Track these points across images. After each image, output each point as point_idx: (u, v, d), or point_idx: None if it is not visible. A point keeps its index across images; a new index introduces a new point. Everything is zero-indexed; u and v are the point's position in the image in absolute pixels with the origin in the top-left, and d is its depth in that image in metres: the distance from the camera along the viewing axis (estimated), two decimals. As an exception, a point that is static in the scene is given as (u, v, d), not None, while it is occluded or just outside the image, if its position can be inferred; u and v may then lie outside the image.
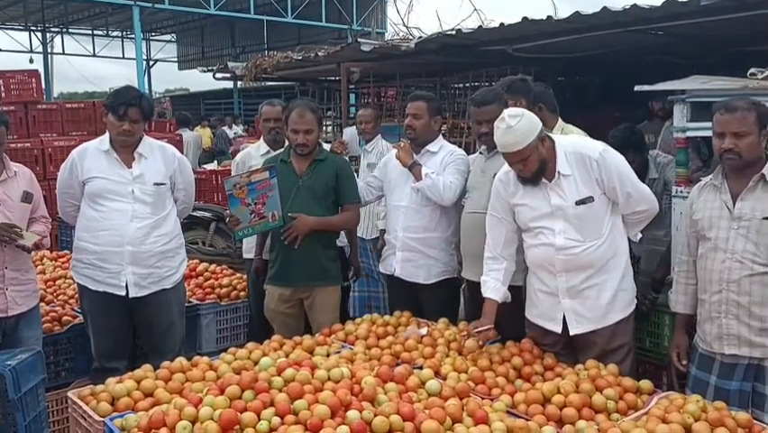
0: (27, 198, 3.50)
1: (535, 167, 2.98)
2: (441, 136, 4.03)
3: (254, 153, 4.61)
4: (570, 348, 3.19)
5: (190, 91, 28.43)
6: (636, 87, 3.79)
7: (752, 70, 3.34)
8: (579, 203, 2.98)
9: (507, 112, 2.98)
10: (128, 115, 3.49)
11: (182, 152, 8.57)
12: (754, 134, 2.72)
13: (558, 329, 3.11)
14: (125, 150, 3.60)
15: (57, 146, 7.22)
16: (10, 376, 2.66)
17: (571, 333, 3.08)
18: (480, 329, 3.14)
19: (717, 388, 2.85)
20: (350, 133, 4.66)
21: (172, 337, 3.72)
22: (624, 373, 2.96)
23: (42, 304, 4.00)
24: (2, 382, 2.66)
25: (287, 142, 3.97)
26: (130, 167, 3.60)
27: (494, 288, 3.21)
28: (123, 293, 3.57)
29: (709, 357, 2.90)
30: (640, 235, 3.17)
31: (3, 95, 7.55)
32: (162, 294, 3.66)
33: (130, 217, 3.54)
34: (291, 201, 3.74)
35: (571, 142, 3.11)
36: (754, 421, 2.54)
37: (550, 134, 3.10)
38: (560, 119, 3.87)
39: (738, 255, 2.76)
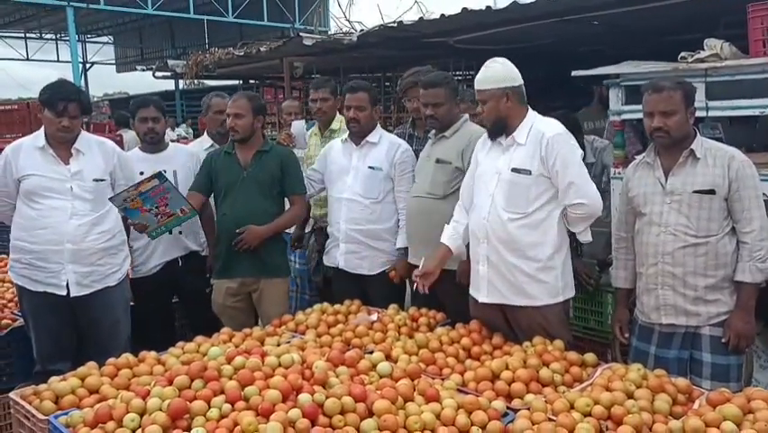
0: None
1: (491, 117, 3.09)
2: (379, 125, 4.04)
3: (198, 148, 4.55)
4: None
5: (130, 94, 27.82)
6: (574, 72, 3.91)
7: (682, 54, 3.47)
8: (514, 170, 3.05)
9: (494, 57, 3.13)
10: (67, 110, 3.40)
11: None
12: (681, 112, 2.83)
13: (481, 298, 3.17)
14: (62, 146, 3.50)
15: None
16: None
17: (480, 300, 3.16)
18: (419, 272, 3.23)
19: (656, 357, 2.96)
20: (297, 126, 4.62)
21: (118, 336, 3.63)
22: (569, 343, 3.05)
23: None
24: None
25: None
26: (67, 163, 3.49)
27: (450, 236, 3.29)
28: (64, 292, 3.47)
29: (648, 328, 3.01)
30: (589, 238, 3.16)
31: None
32: (105, 292, 3.56)
33: (69, 215, 3.44)
34: (236, 193, 3.71)
35: (540, 119, 3.15)
36: (693, 387, 2.65)
37: (526, 105, 3.14)
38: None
39: (672, 228, 2.87)
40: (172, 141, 5.30)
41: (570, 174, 3.00)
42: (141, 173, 3.88)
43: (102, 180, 3.56)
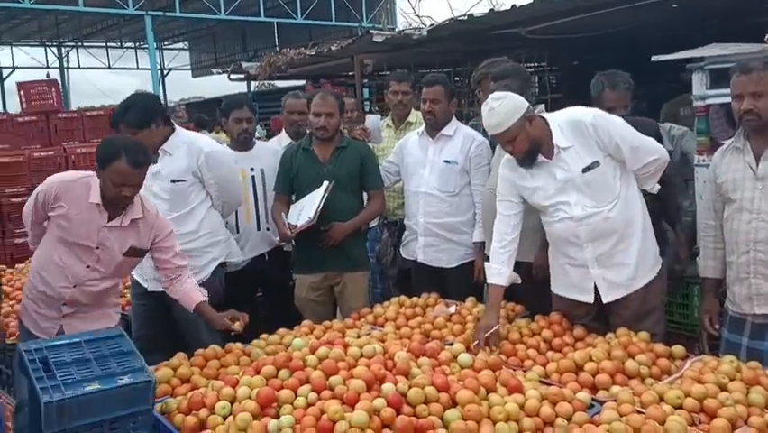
0: (132, 252, 3.13)
1: (525, 147, 2.99)
2: (454, 118, 4.04)
3: (273, 145, 4.65)
4: (600, 320, 3.19)
5: (205, 98, 28.66)
6: (653, 58, 3.79)
7: (769, 35, 3.33)
8: (585, 170, 2.97)
9: (492, 95, 3.02)
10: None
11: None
12: None
13: (590, 299, 3.11)
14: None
15: (80, 153, 7.33)
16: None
17: (604, 301, 3.07)
18: (487, 334, 3.04)
19: (749, 349, 2.85)
20: (373, 120, 4.67)
21: (199, 335, 3.58)
22: (657, 336, 2.96)
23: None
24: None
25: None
26: (154, 162, 3.59)
27: (498, 273, 3.17)
28: (146, 286, 3.63)
29: (740, 319, 2.90)
30: (658, 186, 3.11)
31: (24, 105, 7.69)
32: None
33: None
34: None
35: (563, 114, 3.09)
36: (790, 380, 2.54)
37: (542, 114, 3.10)
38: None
39: (764, 215, 2.76)
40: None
41: (629, 140, 2.95)
42: None
43: (181, 181, 3.57)
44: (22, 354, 2.43)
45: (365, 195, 4.01)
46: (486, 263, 3.27)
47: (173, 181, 3.58)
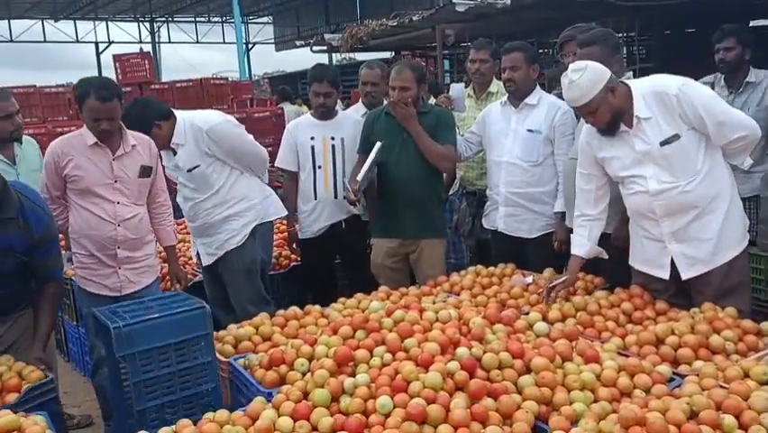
0: (144, 172, 3.43)
1: (607, 117, 2.90)
2: (538, 86, 3.96)
3: (354, 115, 4.69)
4: (681, 295, 3.09)
5: (287, 72, 29.15)
6: (753, 23, 3.59)
7: None
8: (663, 143, 2.85)
9: (571, 66, 2.92)
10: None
11: (284, 125, 8.82)
12: None
13: (666, 275, 3.02)
14: (162, 145, 3.69)
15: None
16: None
17: (684, 277, 2.98)
18: (556, 283, 3.14)
19: None
20: (456, 89, 4.61)
21: (239, 295, 3.87)
22: (743, 314, 2.85)
23: (165, 265, 4.26)
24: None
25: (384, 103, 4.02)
26: (175, 154, 3.76)
27: (579, 244, 3.18)
28: (197, 260, 3.95)
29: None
30: (750, 161, 2.98)
31: (120, 77, 8.06)
32: (225, 257, 3.86)
33: (184, 199, 3.87)
34: (397, 153, 3.79)
35: (647, 83, 2.96)
36: None
37: (625, 81, 2.99)
38: None
39: None
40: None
41: (716, 114, 2.82)
42: (312, 138, 4.17)
43: (196, 168, 3.72)
44: (95, 313, 2.66)
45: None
46: (572, 235, 3.26)
47: (189, 171, 3.75)
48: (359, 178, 3.68)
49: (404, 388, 2.24)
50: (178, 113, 3.80)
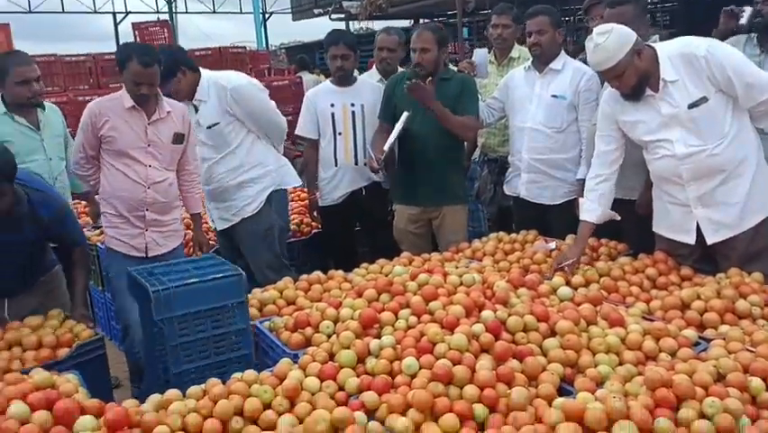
0: (177, 139, 3.49)
1: (633, 81, 2.85)
2: (563, 51, 3.90)
3: (368, 80, 4.65)
4: (706, 260, 3.07)
5: (304, 42, 28.95)
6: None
7: None
8: (691, 106, 2.81)
9: (596, 30, 2.86)
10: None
11: (302, 94, 8.77)
12: None
13: (691, 240, 2.99)
14: (184, 99, 3.73)
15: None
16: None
17: (709, 242, 2.95)
18: (564, 264, 3.07)
19: None
20: (480, 54, 4.55)
21: (259, 262, 3.90)
22: (769, 278, 2.83)
23: (189, 232, 4.30)
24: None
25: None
26: (196, 112, 3.78)
27: (590, 209, 3.14)
28: (213, 226, 3.93)
29: None
30: None
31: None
32: (242, 224, 3.89)
33: (201, 161, 3.84)
34: (417, 120, 3.76)
35: (674, 45, 2.90)
36: None
37: (651, 44, 2.93)
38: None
39: None
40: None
41: (745, 76, 2.76)
42: (332, 105, 4.14)
43: (216, 125, 3.74)
44: (131, 274, 2.70)
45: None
46: (580, 199, 3.22)
47: (209, 127, 3.77)
48: (386, 147, 3.66)
49: (429, 349, 2.25)
50: (204, 71, 3.81)
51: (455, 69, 4.11)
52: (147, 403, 2.15)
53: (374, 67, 4.67)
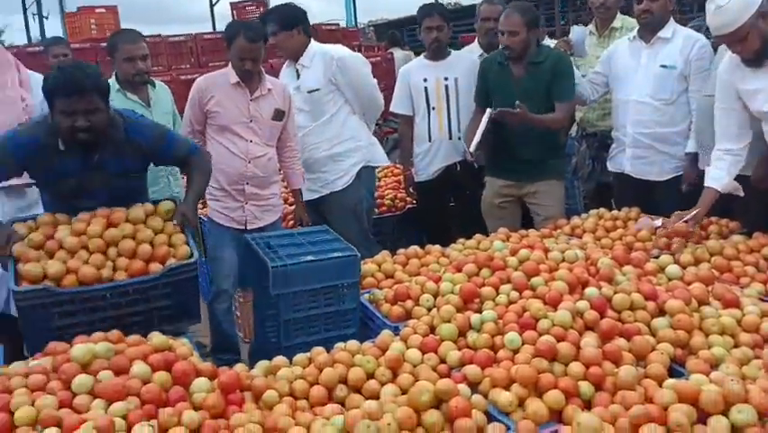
0: (278, 116, 3.55)
1: (757, 45, 2.69)
2: (672, 18, 3.71)
3: (468, 55, 4.58)
4: None
5: (391, 19, 28.81)
6: None
7: None
8: None
9: None
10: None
11: (394, 71, 8.76)
12: None
13: None
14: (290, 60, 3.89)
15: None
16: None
17: None
18: (686, 218, 3.00)
19: None
20: (577, 32, 4.39)
21: (347, 236, 3.86)
22: None
23: (286, 206, 4.40)
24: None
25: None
26: (298, 78, 3.85)
27: (716, 177, 3.01)
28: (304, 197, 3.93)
29: None
30: None
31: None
32: (332, 197, 3.92)
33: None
34: (509, 105, 3.69)
35: None
36: None
37: None
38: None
39: None
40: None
41: None
42: (425, 80, 4.11)
43: (316, 91, 3.80)
44: (249, 241, 2.80)
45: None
46: (707, 167, 3.10)
47: (309, 92, 3.83)
48: (471, 149, 3.67)
49: (532, 325, 2.23)
50: (315, 42, 3.92)
51: (551, 44, 3.98)
52: (256, 368, 2.24)
53: (476, 41, 4.59)
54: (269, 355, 2.34)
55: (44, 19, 17.52)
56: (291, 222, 4.06)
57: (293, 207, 4.06)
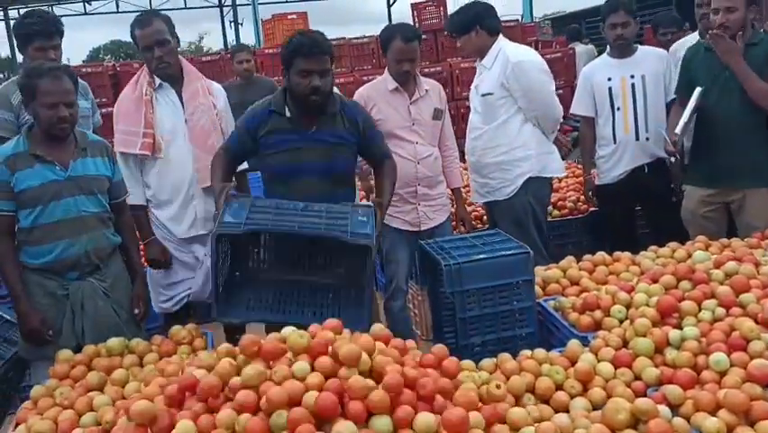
0: (437, 115, 3.57)
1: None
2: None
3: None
4: None
5: (569, 12, 27.79)
6: None
7: None
8: None
9: None
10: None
11: (574, 67, 8.44)
12: None
13: None
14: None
15: (463, 68, 7.80)
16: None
17: None
18: None
19: None
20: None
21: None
22: None
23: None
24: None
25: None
26: (479, 75, 3.79)
27: None
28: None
29: None
30: None
31: (417, 25, 8.43)
32: (496, 204, 3.80)
33: (469, 129, 3.87)
34: (718, 94, 3.38)
35: None
36: None
37: None
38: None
39: None
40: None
41: None
42: (609, 78, 3.93)
43: (489, 95, 3.67)
44: (422, 245, 2.93)
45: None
46: None
47: (483, 95, 3.72)
48: (677, 130, 3.37)
49: (743, 346, 2.04)
50: (503, 40, 3.79)
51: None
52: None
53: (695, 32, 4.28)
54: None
55: (239, 26, 19.05)
56: (453, 222, 4.02)
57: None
